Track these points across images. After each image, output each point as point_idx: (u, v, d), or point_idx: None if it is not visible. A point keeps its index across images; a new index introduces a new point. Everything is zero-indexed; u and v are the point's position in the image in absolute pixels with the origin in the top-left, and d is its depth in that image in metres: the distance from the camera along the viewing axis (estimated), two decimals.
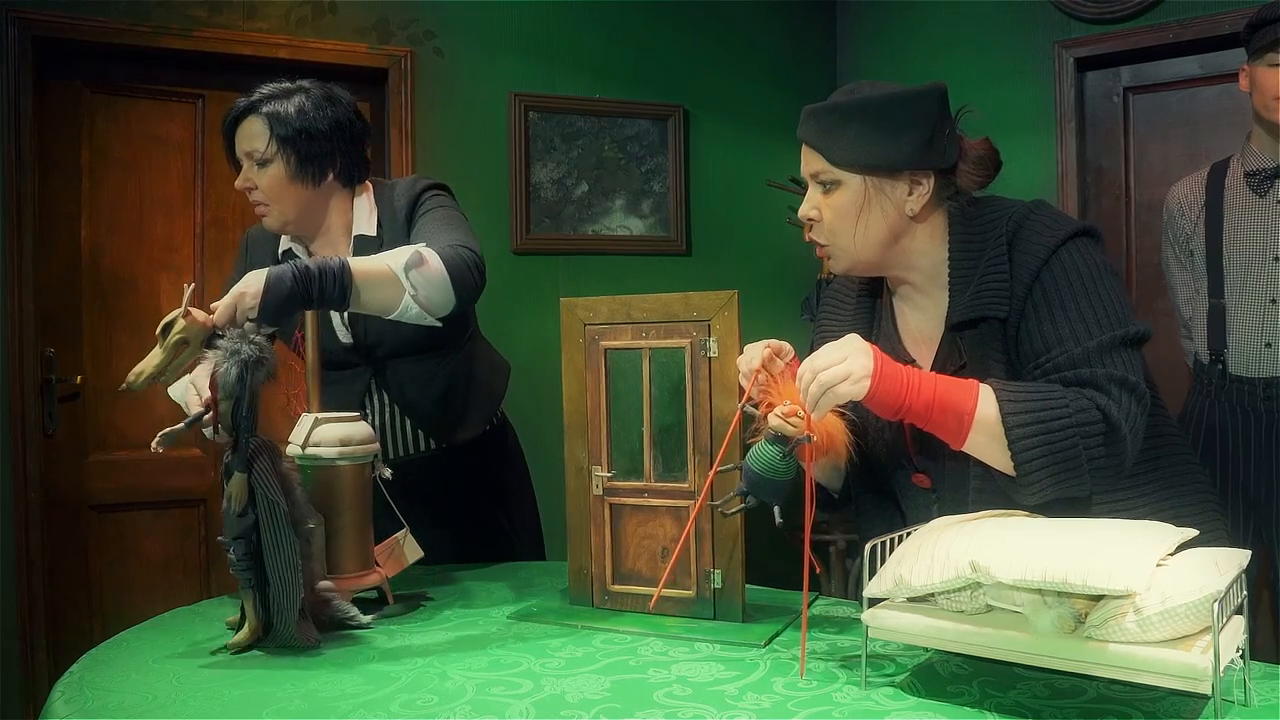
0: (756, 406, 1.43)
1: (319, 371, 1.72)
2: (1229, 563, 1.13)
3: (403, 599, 1.70)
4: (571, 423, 1.63)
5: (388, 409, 2.03)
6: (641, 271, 3.79)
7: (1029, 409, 1.32)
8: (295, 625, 1.43)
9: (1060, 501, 1.36)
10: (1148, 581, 1.05)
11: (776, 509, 1.41)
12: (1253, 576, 2.53)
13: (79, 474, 3.14)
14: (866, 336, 1.56)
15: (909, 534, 1.32)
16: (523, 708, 1.19)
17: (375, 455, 1.67)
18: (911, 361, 1.53)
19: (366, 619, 1.56)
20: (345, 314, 1.95)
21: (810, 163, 1.48)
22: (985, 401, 1.34)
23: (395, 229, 1.93)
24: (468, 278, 1.73)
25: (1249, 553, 1.19)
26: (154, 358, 1.42)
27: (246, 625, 1.45)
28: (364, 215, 1.96)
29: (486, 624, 1.56)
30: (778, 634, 1.46)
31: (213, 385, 1.44)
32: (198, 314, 1.46)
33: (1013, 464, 1.33)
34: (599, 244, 3.79)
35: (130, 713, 1.22)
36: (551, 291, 3.51)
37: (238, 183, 1.91)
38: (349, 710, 1.19)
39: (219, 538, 1.46)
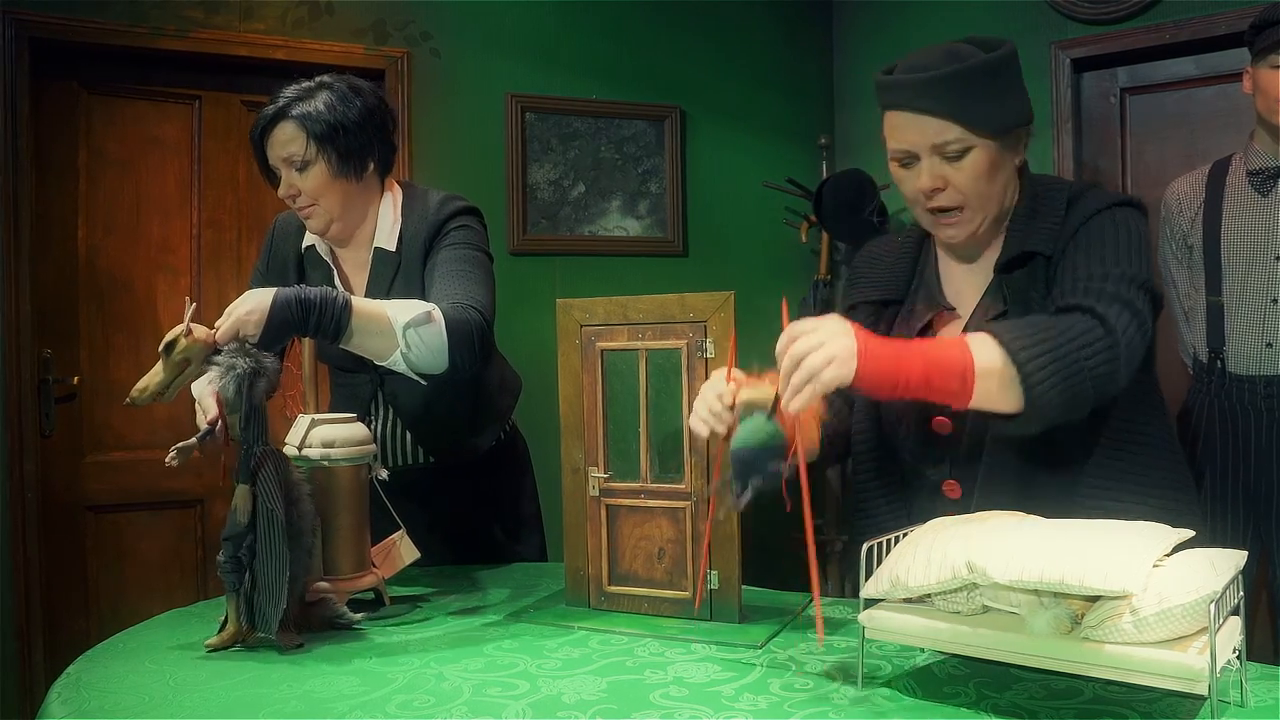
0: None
1: (315, 374, 1.72)
2: (1226, 563, 1.13)
3: (399, 600, 1.70)
4: (568, 424, 1.63)
5: (390, 418, 2.02)
6: (638, 272, 3.79)
7: (1026, 332, 1.33)
8: (276, 632, 1.44)
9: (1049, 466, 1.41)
10: (1144, 582, 1.05)
11: (778, 473, 1.32)
12: (1251, 577, 2.55)
13: (76, 475, 3.14)
14: (906, 286, 1.62)
15: (905, 534, 1.32)
16: (519, 708, 1.19)
17: (372, 456, 1.67)
18: (950, 309, 1.55)
19: (355, 617, 1.56)
20: None
21: (935, 133, 1.44)
22: (979, 347, 1.31)
23: (415, 250, 1.89)
24: (466, 348, 1.70)
25: (1245, 553, 1.19)
26: (156, 374, 1.44)
27: (228, 627, 1.46)
28: (387, 225, 1.92)
29: (483, 625, 1.56)
30: (774, 635, 1.45)
31: (218, 400, 1.45)
32: (200, 332, 1.46)
33: (1021, 386, 1.30)
34: (596, 245, 3.79)
35: (127, 713, 1.22)
36: (548, 292, 3.51)
37: (281, 191, 1.85)
38: (345, 711, 1.19)
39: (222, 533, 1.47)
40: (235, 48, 3.22)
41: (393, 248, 1.91)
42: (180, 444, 1.49)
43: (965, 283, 1.58)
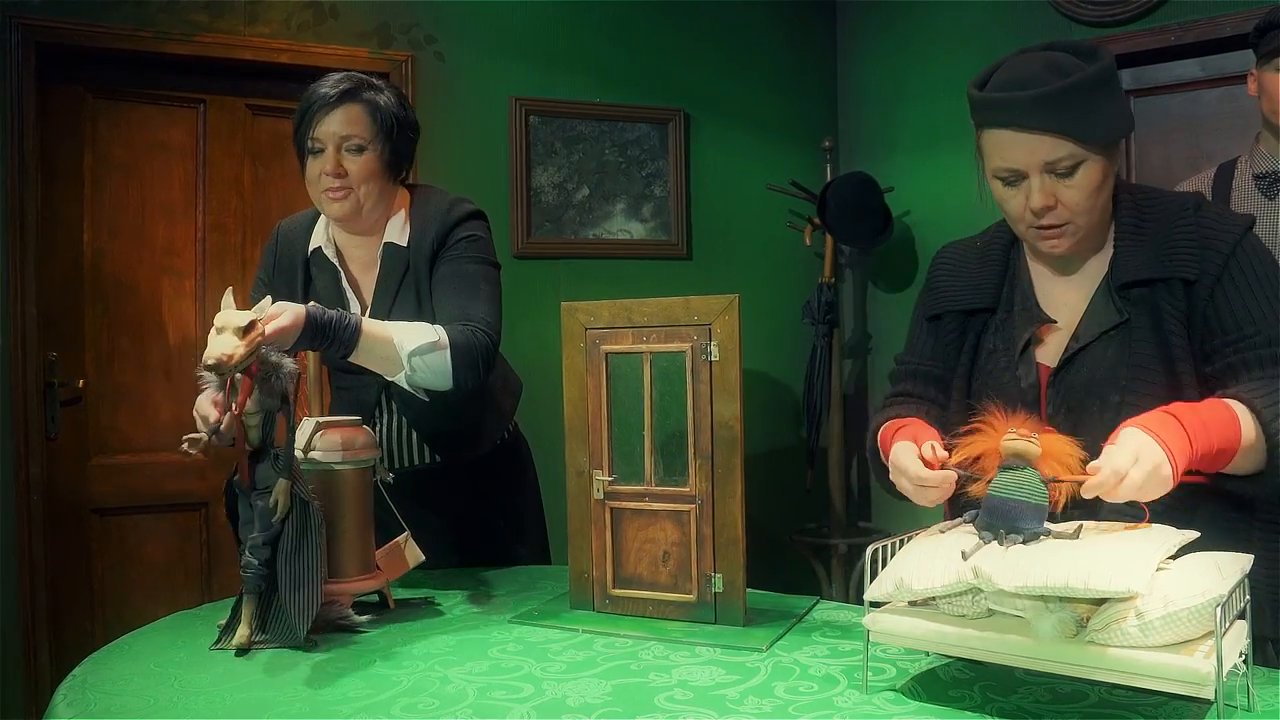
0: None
1: (320, 378, 1.73)
2: (1232, 567, 1.13)
3: (404, 602, 1.70)
4: (572, 427, 1.63)
5: (396, 419, 2.02)
6: (642, 275, 3.79)
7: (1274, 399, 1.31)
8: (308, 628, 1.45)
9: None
10: (1149, 584, 1.05)
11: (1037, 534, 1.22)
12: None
13: (81, 478, 3.15)
14: (996, 293, 1.56)
15: (910, 537, 1.32)
16: (524, 711, 1.19)
17: (377, 459, 1.68)
18: (1051, 321, 1.50)
19: (360, 620, 1.57)
20: None
21: (1047, 151, 1.38)
22: (1244, 422, 1.31)
23: (423, 249, 1.92)
24: (470, 370, 1.78)
25: (1251, 557, 1.19)
26: (237, 348, 1.37)
27: (240, 629, 1.46)
28: (398, 224, 1.95)
29: (488, 627, 1.56)
30: (779, 638, 1.45)
31: (243, 397, 1.45)
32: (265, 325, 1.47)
33: (1269, 459, 1.31)
34: (600, 248, 3.80)
35: (132, 715, 1.22)
36: (552, 295, 3.52)
37: (322, 167, 1.85)
38: (350, 713, 1.20)
39: (251, 536, 1.47)
40: (240, 52, 3.23)
41: (404, 243, 1.94)
42: (192, 435, 1.47)
43: (1063, 291, 1.52)
